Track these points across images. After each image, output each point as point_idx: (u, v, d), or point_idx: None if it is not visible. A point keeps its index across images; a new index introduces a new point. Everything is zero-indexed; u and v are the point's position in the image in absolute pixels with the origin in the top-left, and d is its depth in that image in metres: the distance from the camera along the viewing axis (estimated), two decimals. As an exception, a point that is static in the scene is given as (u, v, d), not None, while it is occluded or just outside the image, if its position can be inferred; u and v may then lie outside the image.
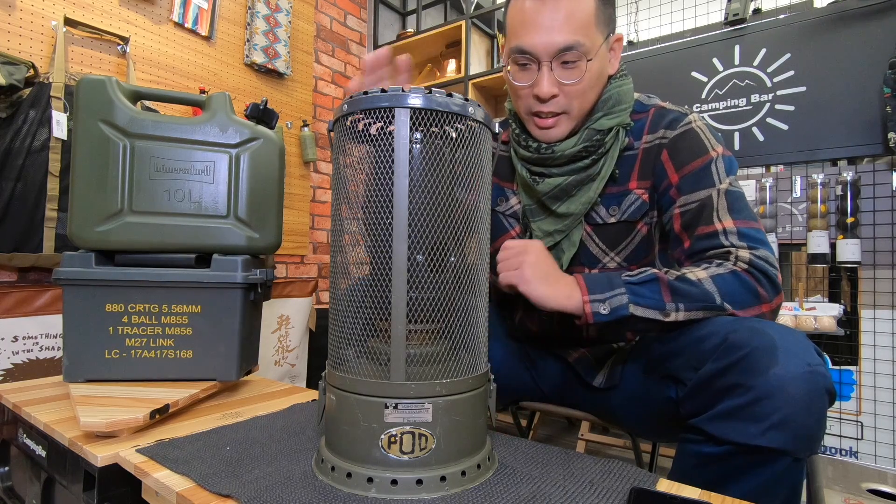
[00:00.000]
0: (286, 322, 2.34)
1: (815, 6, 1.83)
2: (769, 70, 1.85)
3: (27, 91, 1.55)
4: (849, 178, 1.65)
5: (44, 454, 0.80)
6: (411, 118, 0.55)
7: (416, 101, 0.55)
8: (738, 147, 1.89)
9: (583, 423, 1.96)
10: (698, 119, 0.82)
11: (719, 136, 0.81)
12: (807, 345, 0.61)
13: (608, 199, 0.84)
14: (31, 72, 1.56)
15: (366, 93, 0.57)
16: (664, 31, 2.18)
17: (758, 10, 1.93)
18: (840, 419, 1.66)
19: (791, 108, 1.80)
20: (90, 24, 1.78)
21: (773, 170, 1.84)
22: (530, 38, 0.76)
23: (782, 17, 1.83)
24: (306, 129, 2.58)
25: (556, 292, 0.70)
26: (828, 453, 1.68)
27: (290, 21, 2.46)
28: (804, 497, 0.69)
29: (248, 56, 2.31)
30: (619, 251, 0.85)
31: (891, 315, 1.60)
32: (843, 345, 1.69)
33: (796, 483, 0.61)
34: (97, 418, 0.71)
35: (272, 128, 1.09)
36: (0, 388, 0.96)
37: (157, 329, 0.92)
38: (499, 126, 0.66)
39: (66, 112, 1.59)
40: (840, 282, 1.74)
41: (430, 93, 0.56)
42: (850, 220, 1.64)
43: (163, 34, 2.02)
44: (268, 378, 1.17)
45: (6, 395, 0.91)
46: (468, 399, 0.58)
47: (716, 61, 1.96)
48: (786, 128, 1.81)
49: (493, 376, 0.66)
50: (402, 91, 0.55)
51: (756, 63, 1.87)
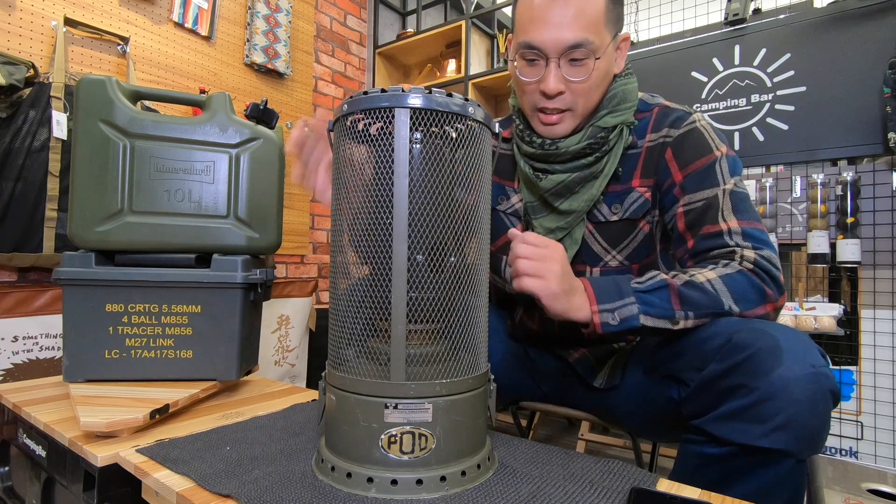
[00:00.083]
0: (286, 322, 2.34)
1: (815, 6, 1.83)
2: (769, 70, 1.85)
3: (27, 91, 1.55)
4: (849, 178, 1.65)
5: (44, 454, 0.80)
6: (411, 118, 0.55)
7: (416, 101, 0.55)
8: (738, 147, 1.89)
9: (583, 423, 1.96)
10: (702, 118, 0.82)
11: (723, 135, 0.81)
12: (810, 346, 0.61)
13: (610, 197, 0.84)
14: (31, 72, 1.56)
15: (366, 93, 0.57)
16: (664, 31, 2.18)
17: (758, 10, 1.93)
18: (840, 419, 1.66)
19: (791, 108, 1.80)
20: (90, 24, 1.78)
21: (773, 170, 1.84)
22: (539, 34, 0.75)
23: (782, 17, 1.83)
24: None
25: (570, 305, 0.68)
26: (828, 453, 1.68)
27: (290, 21, 2.46)
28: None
29: (248, 56, 2.31)
30: (621, 249, 0.85)
31: (891, 315, 1.60)
32: (843, 345, 1.68)
33: (799, 484, 0.60)
34: (97, 418, 0.71)
35: (272, 128, 1.09)
36: (0, 388, 0.96)
37: (157, 329, 0.92)
38: (499, 126, 0.66)
39: (66, 112, 1.59)
40: (840, 282, 1.74)
41: (430, 93, 0.56)
42: (850, 220, 1.64)
43: (163, 34, 2.02)
44: (268, 378, 1.17)
45: (6, 395, 0.91)
46: (468, 399, 0.58)
47: (716, 61, 1.96)
48: (786, 128, 1.81)
49: (493, 376, 0.66)
50: (402, 91, 0.55)
51: (756, 63, 1.87)
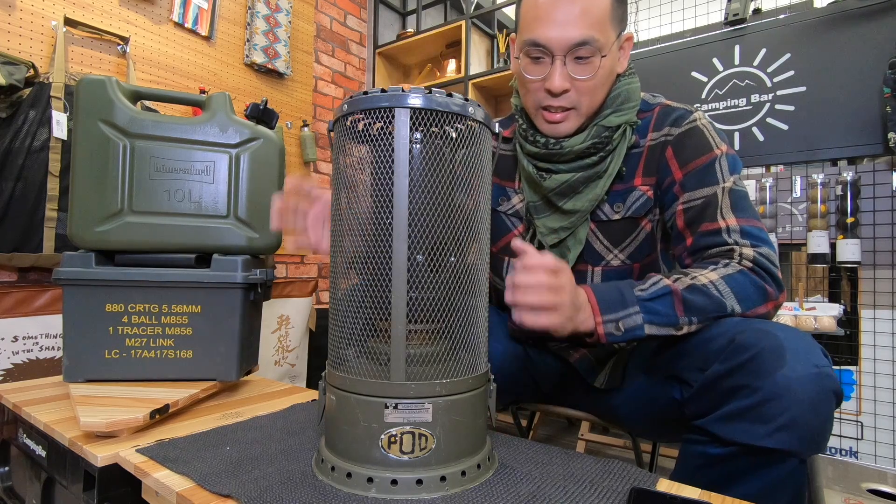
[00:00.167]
0: (286, 322, 2.34)
1: (815, 6, 1.83)
2: (769, 70, 1.85)
3: (27, 91, 1.55)
4: (849, 178, 1.65)
5: (44, 454, 0.80)
6: (411, 118, 0.55)
7: (416, 101, 0.55)
8: (738, 147, 1.89)
9: (583, 423, 1.96)
10: (703, 117, 0.82)
11: (724, 134, 0.81)
12: (813, 346, 0.61)
13: (613, 196, 0.84)
14: (31, 72, 1.56)
15: (366, 93, 0.57)
16: (664, 31, 2.18)
17: (758, 10, 1.93)
18: (840, 419, 1.66)
19: (791, 108, 1.80)
20: (90, 24, 1.78)
21: (773, 170, 1.84)
22: (545, 32, 0.75)
23: (782, 17, 1.83)
24: (306, 129, 2.58)
25: (576, 323, 0.67)
26: (828, 453, 1.68)
27: (290, 21, 2.46)
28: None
29: (248, 56, 2.31)
30: (623, 248, 0.85)
31: (891, 315, 1.60)
32: (843, 345, 1.68)
33: (800, 484, 0.61)
34: (97, 418, 0.71)
35: (272, 128, 1.10)
36: (0, 388, 0.96)
37: (157, 329, 0.92)
38: (499, 126, 0.66)
39: (66, 112, 1.59)
40: (840, 282, 1.74)
41: (430, 93, 0.56)
42: (850, 220, 1.64)
43: (163, 34, 2.02)
44: (268, 378, 1.17)
45: (6, 395, 0.91)
46: (468, 399, 0.58)
47: (716, 61, 1.96)
48: (786, 128, 1.81)
49: (493, 376, 0.66)
50: (402, 91, 0.55)
51: (756, 63, 1.87)
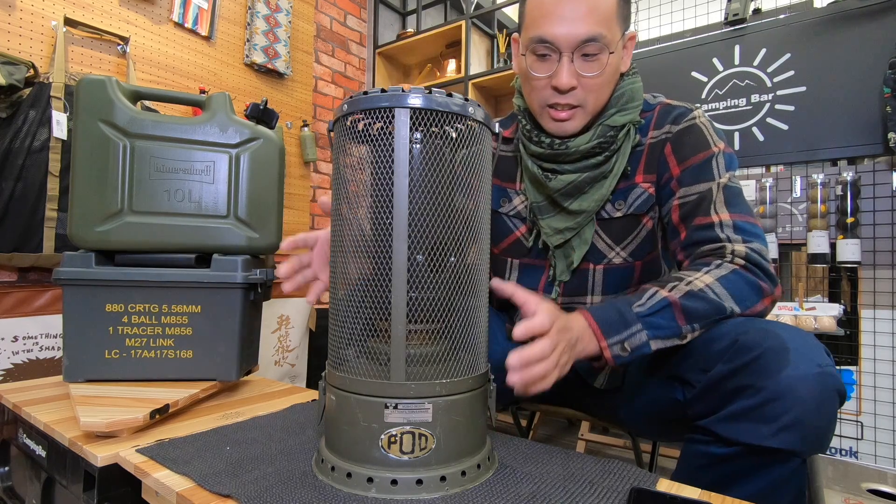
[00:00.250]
0: (286, 322, 2.34)
1: (815, 6, 1.83)
2: (769, 70, 1.85)
3: (27, 91, 1.55)
4: (849, 178, 1.65)
5: (44, 454, 0.80)
6: (411, 118, 0.55)
7: (416, 101, 0.55)
8: (738, 147, 1.89)
9: (583, 423, 1.96)
10: (703, 115, 0.83)
11: (722, 133, 0.82)
12: (816, 345, 0.61)
13: (615, 194, 0.84)
14: (31, 72, 1.56)
15: (366, 93, 0.57)
16: (664, 31, 2.18)
17: (758, 10, 1.93)
18: (840, 419, 1.66)
19: (791, 108, 1.80)
20: (90, 24, 1.78)
21: (773, 170, 1.84)
22: (552, 29, 0.75)
23: (782, 17, 1.83)
24: (306, 129, 2.58)
25: (580, 351, 0.66)
26: (828, 453, 1.68)
27: (290, 21, 2.46)
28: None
29: (248, 56, 2.31)
30: (625, 246, 0.85)
31: (891, 315, 1.60)
32: (843, 345, 1.68)
33: (802, 484, 0.61)
34: (97, 418, 0.71)
35: (272, 128, 1.10)
36: (0, 388, 0.96)
37: (157, 329, 0.92)
38: (499, 126, 0.66)
39: (66, 112, 1.59)
40: (840, 282, 1.74)
41: (430, 93, 0.56)
42: (850, 220, 1.64)
43: (163, 34, 2.02)
44: (268, 378, 1.17)
45: (6, 395, 0.91)
46: (468, 399, 0.58)
47: (716, 61, 1.96)
48: (786, 128, 1.81)
49: (493, 376, 0.66)
50: (402, 91, 0.55)
51: (756, 63, 1.87)
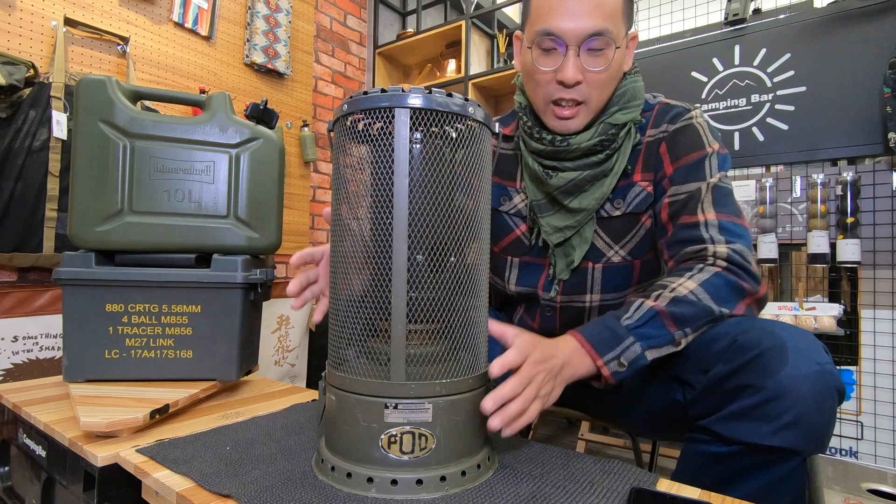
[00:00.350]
0: (286, 322, 2.34)
1: (815, 6, 1.83)
2: (769, 70, 1.85)
3: (27, 91, 1.55)
4: (849, 178, 1.65)
5: (44, 454, 0.80)
6: (411, 118, 0.55)
7: (416, 101, 0.55)
8: (738, 147, 1.89)
9: (583, 423, 1.96)
10: (700, 115, 0.83)
11: (719, 134, 0.82)
12: (816, 344, 0.61)
13: (614, 193, 0.85)
14: (31, 72, 1.56)
15: (366, 93, 0.57)
16: (664, 31, 2.18)
17: (758, 10, 1.93)
18: (840, 419, 1.66)
19: (791, 108, 1.80)
20: (90, 24, 1.78)
21: (773, 170, 1.84)
22: (559, 22, 0.75)
23: (782, 17, 1.83)
24: (306, 129, 2.58)
25: (573, 373, 0.65)
26: (828, 453, 1.68)
27: (290, 21, 2.46)
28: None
29: (248, 56, 2.31)
30: (624, 244, 0.85)
31: (891, 315, 1.60)
32: (843, 345, 1.68)
33: (802, 482, 0.61)
34: (97, 418, 0.71)
35: (272, 128, 1.10)
36: (0, 388, 0.96)
37: (157, 329, 0.92)
38: (499, 125, 0.66)
39: (66, 112, 1.59)
40: (840, 282, 1.74)
41: (430, 93, 0.56)
42: (850, 220, 1.64)
43: (163, 34, 2.02)
44: (268, 378, 1.17)
45: (6, 395, 0.91)
46: (468, 399, 0.58)
47: (716, 61, 1.96)
48: (786, 128, 1.81)
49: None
50: (402, 91, 0.55)
51: (756, 63, 1.87)
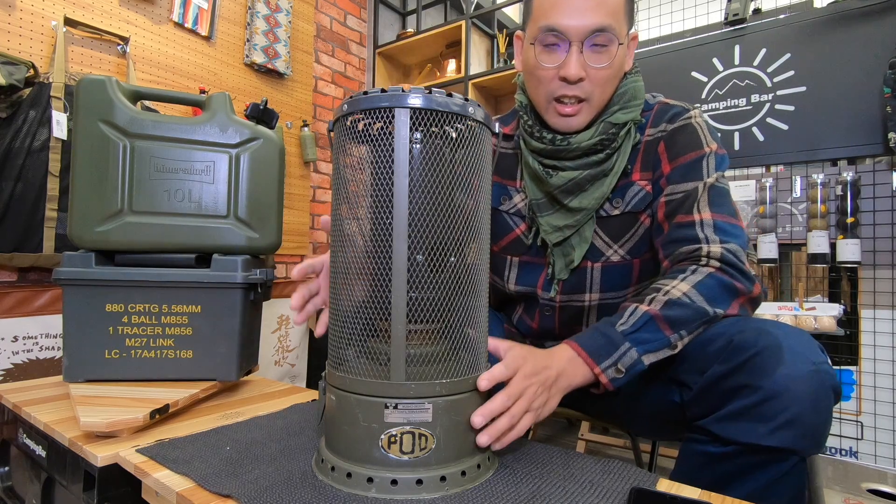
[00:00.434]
0: (286, 322, 2.34)
1: (815, 6, 1.83)
2: (769, 70, 1.85)
3: (27, 91, 1.55)
4: (849, 178, 1.65)
5: (44, 454, 0.80)
6: (411, 118, 0.55)
7: (416, 101, 0.55)
8: (738, 147, 1.89)
9: (583, 423, 1.96)
10: (699, 115, 0.83)
11: (717, 134, 0.82)
12: (811, 343, 0.61)
13: (614, 192, 0.85)
14: (31, 72, 1.56)
15: (366, 93, 0.57)
16: (664, 31, 2.18)
17: (758, 10, 1.93)
18: (840, 419, 1.66)
19: (791, 108, 1.80)
20: (90, 24, 1.78)
21: (773, 170, 1.84)
22: (563, 18, 0.75)
23: (782, 17, 1.83)
24: (306, 129, 2.58)
25: (569, 382, 0.66)
26: (828, 453, 1.68)
27: (290, 21, 2.46)
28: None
29: (248, 56, 2.31)
30: (623, 244, 0.85)
31: (891, 315, 1.60)
32: (843, 345, 1.68)
33: (801, 482, 0.61)
34: (97, 418, 0.71)
35: (272, 128, 1.10)
36: (0, 388, 0.96)
37: (157, 329, 0.92)
38: (499, 124, 0.66)
39: (66, 112, 1.59)
40: (840, 282, 1.74)
41: (430, 93, 0.56)
42: (850, 220, 1.64)
43: (163, 34, 2.02)
44: (268, 378, 1.17)
45: (6, 395, 0.91)
46: (468, 399, 0.58)
47: (716, 61, 1.96)
48: (786, 128, 1.81)
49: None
50: (402, 91, 0.55)
51: (756, 63, 1.87)
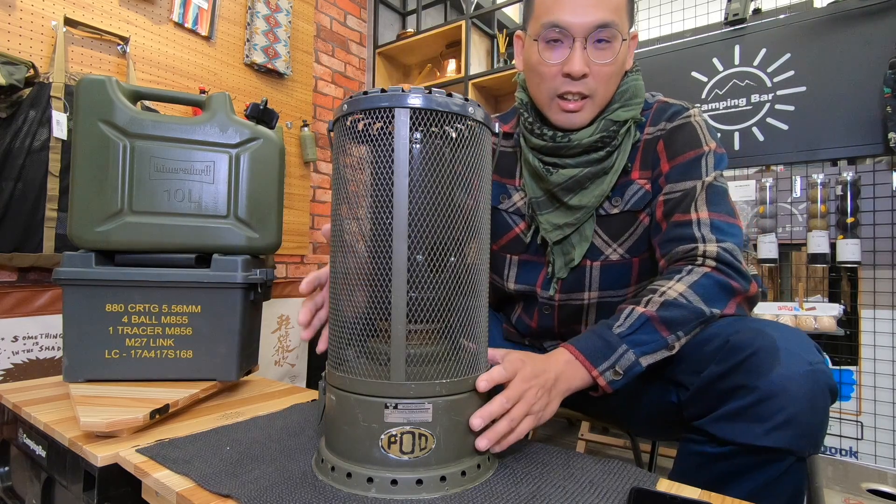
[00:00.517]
0: (286, 322, 2.34)
1: (815, 6, 1.83)
2: (769, 70, 1.85)
3: (27, 91, 1.55)
4: (849, 178, 1.65)
5: (44, 454, 0.80)
6: (411, 118, 0.55)
7: (415, 101, 0.55)
8: (738, 147, 1.89)
9: (583, 423, 1.96)
10: (698, 114, 0.83)
11: (716, 133, 0.82)
12: (807, 343, 0.61)
13: (613, 191, 0.85)
14: (31, 72, 1.56)
15: (366, 93, 0.57)
16: (664, 31, 2.18)
17: (758, 10, 1.93)
18: (840, 419, 1.66)
19: (791, 108, 1.80)
20: (90, 24, 1.78)
21: (773, 170, 1.84)
22: (566, 15, 0.75)
23: (782, 17, 1.83)
24: (306, 129, 2.58)
25: (568, 386, 0.65)
26: (828, 453, 1.68)
27: (290, 21, 2.46)
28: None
29: (248, 56, 2.31)
30: (622, 242, 0.85)
31: (891, 315, 1.60)
32: (843, 345, 1.68)
33: (799, 482, 0.61)
34: (97, 418, 0.71)
35: (272, 128, 1.10)
36: (0, 388, 0.96)
37: (157, 329, 0.92)
38: (499, 123, 0.66)
39: (66, 112, 1.59)
40: (840, 282, 1.74)
41: (430, 93, 0.56)
42: (850, 220, 1.64)
43: (163, 34, 2.02)
44: (268, 378, 1.17)
45: (6, 395, 0.91)
46: (468, 399, 0.58)
47: (716, 61, 1.96)
48: (786, 128, 1.81)
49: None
50: (402, 91, 0.55)
51: (756, 63, 1.87)
